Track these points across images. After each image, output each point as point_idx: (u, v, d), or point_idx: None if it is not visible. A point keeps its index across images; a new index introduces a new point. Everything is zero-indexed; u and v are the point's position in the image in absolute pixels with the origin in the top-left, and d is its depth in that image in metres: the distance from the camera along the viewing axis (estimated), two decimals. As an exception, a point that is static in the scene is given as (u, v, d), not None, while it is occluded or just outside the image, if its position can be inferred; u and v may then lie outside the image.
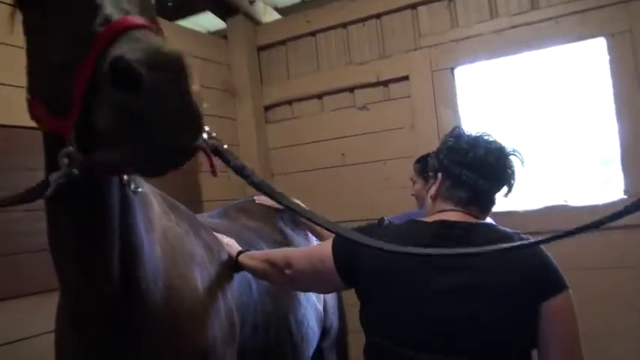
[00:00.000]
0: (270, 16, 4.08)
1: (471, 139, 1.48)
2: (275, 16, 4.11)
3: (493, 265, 1.31)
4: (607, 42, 2.91)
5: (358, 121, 3.66)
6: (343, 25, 3.73)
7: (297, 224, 2.46)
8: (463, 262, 1.34)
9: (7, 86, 2.21)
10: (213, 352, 1.48)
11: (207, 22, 4.06)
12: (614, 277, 2.87)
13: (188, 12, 3.83)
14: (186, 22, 3.83)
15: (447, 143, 1.51)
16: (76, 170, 0.89)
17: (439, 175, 1.51)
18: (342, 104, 3.75)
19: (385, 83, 3.59)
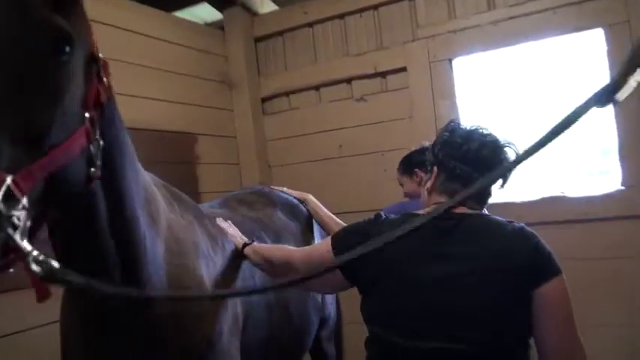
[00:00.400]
0: (267, 7, 4.05)
1: (465, 132, 1.50)
2: (272, 7, 4.09)
3: (486, 252, 1.33)
4: (605, 33, 2.90)
5: (356, 112, 3.65)
6: (340, 16, 3.71)
7: (294, 215, 2.47)
8: (456, 251, 1.35)
9: None
10: (218, 343, 1.50)
11: (203, 12, 4.04)
12: (607, 268, 2.89)
13: (185, 3, 3.80)
14: (182, 13, 3.80)
15: (442, 137, 1.54)
16: None
17: (435, 168, 1.53)
18: (340, 96, 3.74)
19: (383, 74, 3.58)
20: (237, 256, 1.80)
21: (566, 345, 1.31)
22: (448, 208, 0.99)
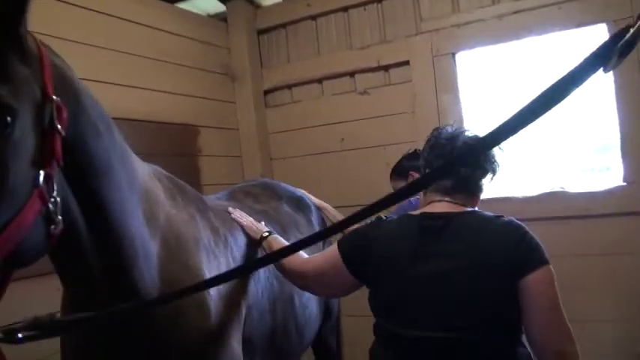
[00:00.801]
0: (270, -1, 4.04)
1: (450, 134, 1.63)
2: (275, -1, 4.07)
3: (475, 248, 1.42)
4: (608, 28, 2.89)
5: (358, 106, 3.65)
6: (344, 8, 3.70)
7: (300, 208, 2.49)
8: (448, 248, 1.45)
9: None
10: (219, 335, 1.50)
11: (207, 4, 4.02)
12: (606, 265, 2.90)
13: (188, -6, 3.79)
14: (185, 5, 3.79)
15: (430, 142, 1.68)
16: None
17: (426, 170, 1.67)
18: (343, 89, 3.74)
19: (386, 68, 3.57)
20: (243, 248, 1.82)
21: (553, 337, 1.35)
22: (414, 185, 1.09)
